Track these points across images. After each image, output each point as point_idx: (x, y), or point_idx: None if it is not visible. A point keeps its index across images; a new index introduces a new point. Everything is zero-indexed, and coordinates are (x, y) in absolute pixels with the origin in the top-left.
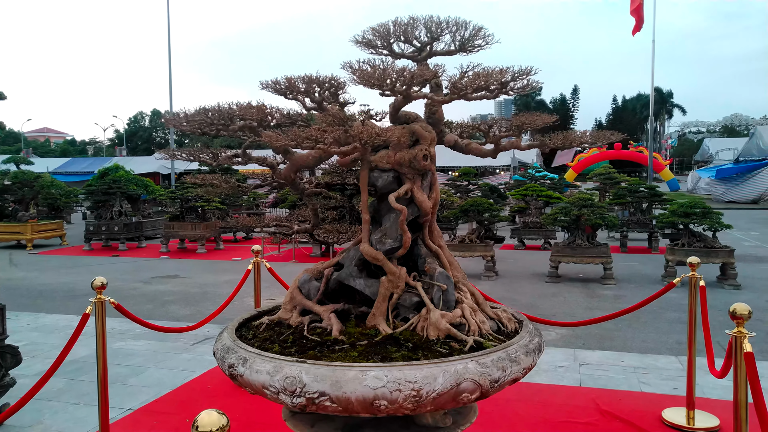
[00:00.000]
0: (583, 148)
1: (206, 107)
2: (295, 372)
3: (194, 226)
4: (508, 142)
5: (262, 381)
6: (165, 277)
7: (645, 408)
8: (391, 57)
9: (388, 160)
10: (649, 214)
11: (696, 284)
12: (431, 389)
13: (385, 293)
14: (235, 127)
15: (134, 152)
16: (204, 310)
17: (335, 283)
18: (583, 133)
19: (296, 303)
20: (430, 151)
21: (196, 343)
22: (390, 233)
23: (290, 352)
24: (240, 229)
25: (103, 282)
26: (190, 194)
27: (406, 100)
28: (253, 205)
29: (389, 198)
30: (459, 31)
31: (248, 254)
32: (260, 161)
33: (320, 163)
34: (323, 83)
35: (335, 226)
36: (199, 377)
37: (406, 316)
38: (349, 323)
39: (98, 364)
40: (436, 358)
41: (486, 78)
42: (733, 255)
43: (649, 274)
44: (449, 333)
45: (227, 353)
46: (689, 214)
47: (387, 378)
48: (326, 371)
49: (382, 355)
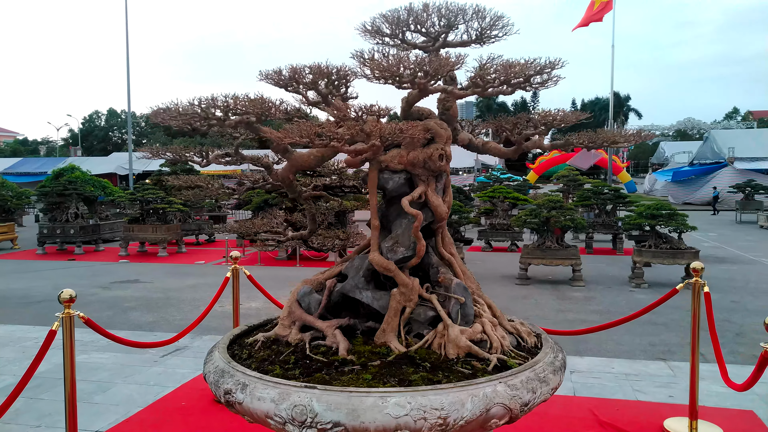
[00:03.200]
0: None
1: (200, 98)
2: (304, 399)
3: (155, 229)
4: (531, 141)
5: (266, 409)
6: (125, 282)
7: (645, 418)
8: (397, 48)
9: (399, 160)
10: (614, 215)
11: (699, 290)
12: (459, 416)
13: (396, 307)
14: (231, 122)
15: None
16: (168, 317)
17: (338, 295)
18: (618, 133)
19: (295, 318)
20: (446, 151)
21: (166, 355)
22: (402, 241)
23: (294, 375)
24: (202, 231)
25: (71, 295)
26: (150, 196)
27: (422, 94)
28: (216, 207)
29: (402, 202)
30: (477, 20)
31: (212, 257)
32: (255, 161)
33: (322, 164)
34: (330, 74)
35: (333, 232)
36: (171, 393)
37: (420, 332)
38: (356, 340)
39: (66, 386)
40: (459, 380)
41: (512, 71)
42: (698, 256)
43: (616, 276)
44: (470, 351)
45: (222, 377)
46: (656, 215)
47: (410, 405)
48: (340, 398)
49: (399, 378)
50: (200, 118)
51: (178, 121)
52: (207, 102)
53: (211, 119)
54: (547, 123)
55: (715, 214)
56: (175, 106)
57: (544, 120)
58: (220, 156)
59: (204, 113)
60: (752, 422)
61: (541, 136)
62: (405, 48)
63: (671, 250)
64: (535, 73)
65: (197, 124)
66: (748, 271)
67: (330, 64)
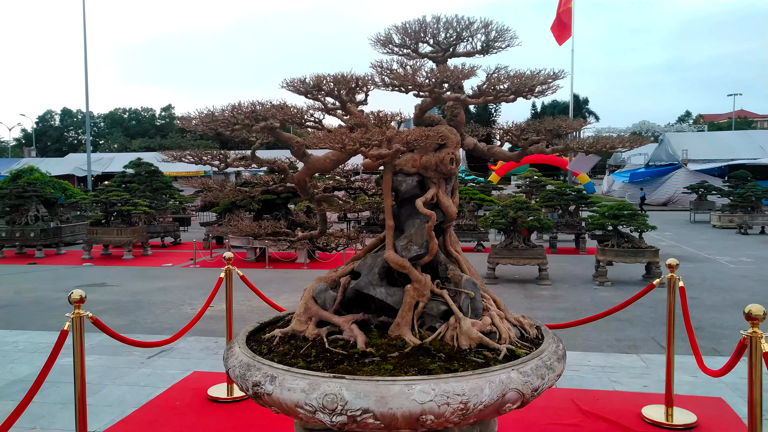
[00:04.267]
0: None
1: (230, 106)
2: (334, 389)
3: (120, 231)
4: (534, 146)
5: (296, 399)
6: (91, 285)
7: (624, 407)
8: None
9: (413, 163)
10: (577, 216)
11: (675, 285)
12: (478, 401)
13: (410, 302)
14: (257, 128)
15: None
16: (140, 320)
17: (352, 292)
18: (618, 138)
19: (312, 314)
20: (455, 155)
21: (152, 356)
22: (415, 239)
23: (318, 366)
24: (168, 233)
25: (81, 295)
26: (114, 198)
27: (435, 102)
28: (180, 209)
29: (416, 203)
30: (484, 33)
31: (179, 260)
32: (270, 164)
33: (337, 167)
34: (350, 82)
35: (344, 233)
36: (164, 393)
37: (433, 325)
38: (371, 334)
39: (75, 386)
40: (474, 368)
41: (522, 81)
42: (658, 254)
43: (580, 274)
44: (481, 342)
45: (248, 370)
46: (618, 216)
47: (435, 391)
48: (369, 387)
49: (419, 367)
50: (230, 124)
51: (205, 127)
52: (235, 108)
53: (242, 124)
54: (552, 129)
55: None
56: (209, 112)
57: (551, 127)
58: (238, 159)
59: (235, 119)
60: (721, 408)
61: (543, 142)
62: (414, 57)
63: (633, 249)
64: (539, 83)
65: (222, 129)
66: (703, 269)
67: (353, 74)
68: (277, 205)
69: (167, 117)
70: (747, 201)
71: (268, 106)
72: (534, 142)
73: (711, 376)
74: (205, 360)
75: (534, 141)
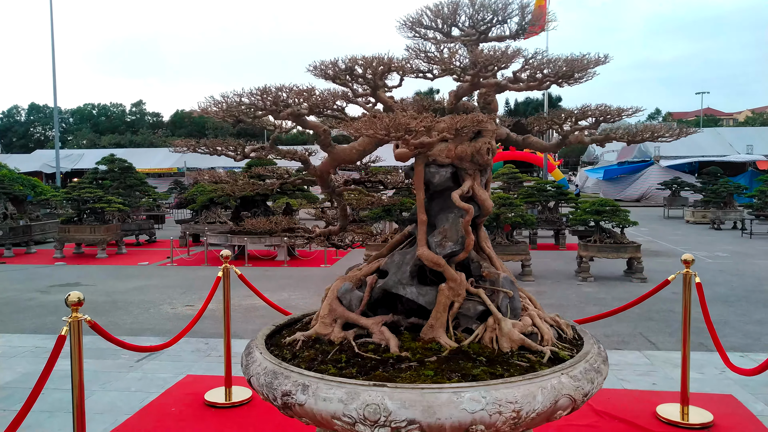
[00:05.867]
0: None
1: (253, 90)
2: (376, 398)
3: (93, 230)
4: (573, 136)
5: (333, 410)
6: (65, 285)
7: (637, 406)
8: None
9: (447, 154)
10: (557, 212)
11: (691, 281)
12: (531, 409)
13: (445, 302)
14: (285, 114)
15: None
16: (118, 321)
17: (379, 292)
18: (666, 125)
19: (337, 315)
20: (492, 145)
21: (141, 359)
22: (450, 235)
23: (351, 373)
24: (142, 231)
25: (79, 297)
26: (87, 195)
27: (473, 88)
28: (154, 207)
29: (453, 196)
30: (521, 15)
31: (155, 258)
32: (291, 155)
33: (362, 157)
34: (387, 65)
35: (365, 228)
36: (158, 398)
37: (468, 326)
38: (403, 337)
39: (74, 393)
40: (519, 373)
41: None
42: (640, 250)
43: (562, 270)
44: (523, 344)
45: (276, 378)
46: (600, 211)
47: (485, 400)
48: (414, 395)
49: (461, 373)
50: (256, 110)
51: (225, 114)
52: (259, 92)
53: (268, 110)
54: (595, 116)
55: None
56: (234, 94)
57: (602, 114)
58: (255, 149)
59: (263, 104)
60: (735, 406)
61: (585, 131)
62: (444, 42)
63: (615, 245)
64: (581, 69)
65: (243, 116)
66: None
67: (390, 56)
68: (256, 202)
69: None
70: (719, 197)
71: (296, 90)
72: (576, 129)
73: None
74: (198, 363)
75: (576, 129)
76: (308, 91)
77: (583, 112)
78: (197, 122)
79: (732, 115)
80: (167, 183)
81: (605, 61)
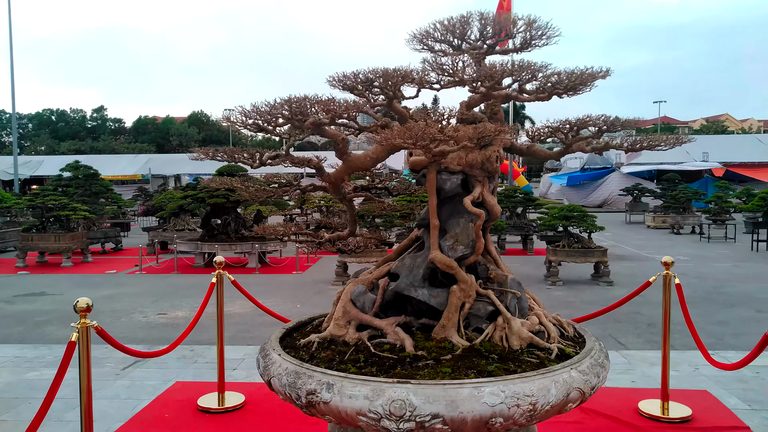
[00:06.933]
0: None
1: (280, 100)
2: (401, 394)
3: (58, 238)
4: (576, 144)
5: (358, 407)
6: (30, 294)
7: (620, 402)
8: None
9: (458, 161)
10: (525, 218)
11: (670, 282)
12: (546, 401)
13: (457, 303)
14: (309, 123)
15: None
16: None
17: (390, 294)
18: (662, 136)
19: (351, 317)
20: (500, 153)
21: (127, 367)
22: (461, 239)
23: (372, 372)
24: (109, 239)
25: (88, 303)
26: (52, 202)
27: (484, 98)
28: (119, 214)
29: (465, 201)
30: (528, 30)
31: (123, 266)
32: (304, 162)
33: (375, 165)
34: (404, 78)
35: (374, 234)
36: (149, 405)
37: (479, 326)
38: (416, 337)
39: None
40: (531, 369)
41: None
42: (607, 254)
43: (531, 275)
44: (531, 341)
45: (299, 378)
46: (569, 217)
47: (504, 394)
48: (437, 391)
49: (477, 369)
50: (280, 118)
51: (250, 121)
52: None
53: (294, 119)
54: (598, 125)
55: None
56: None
57: (605, 123)
58: (271, 157)
59: (291, 114)
60: (710, 401)
61: (585, 140)
62: (453, 54)
63: (582, 249)
64: (586, 81)
65: (265, 125)
66: (646, 268)
67: (410, 68)
68: (227, 208)
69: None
70: (678, 202)
71: (321, 101)
72: (579, 140)
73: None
74: (186, 369)
75: (579, 139)
76: (330, 102)
77: (584, 122)
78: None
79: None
80: (131, 190)
81: (607, 74)
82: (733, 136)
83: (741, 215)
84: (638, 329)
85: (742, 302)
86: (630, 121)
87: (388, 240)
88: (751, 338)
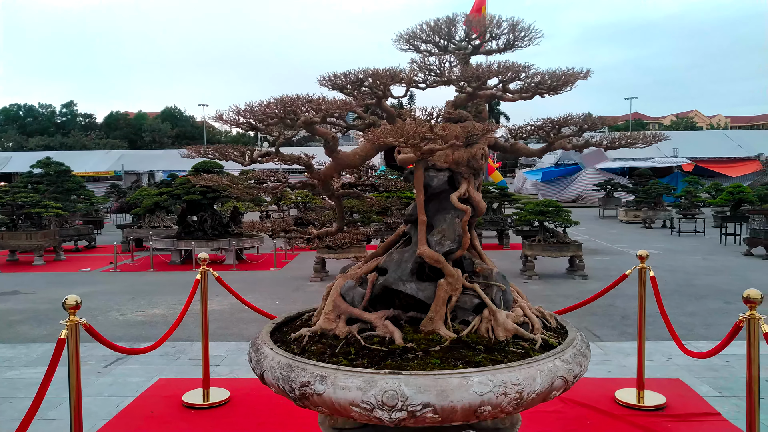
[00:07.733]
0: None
1: (272, 100)
2: (393, 385)
3: (30, 236)
4: (558, 142)
5: (351, 398)
6: (2, 294)
7: (597, 392)
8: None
9: (445, 159)
10: (500, 213)
11: (646, 275)
12: (532, 390)
13: (444, 296)
14: (301, 122)
15: None
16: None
17: (379, 288)
18: (639, 134)
19: (341, 311)
20: (485, 150)
21: (109, 365)
22: (448, 234)
23: (363, 364)
24: (82, 237)
25: (77, 301)
26: (22, 199)
27: (470, 98)
28: (92, 211)
29: (451, 198)
30: (511, 32)
31: (98, 264)
32: (296, 160)
33: (364, 162)
34: (396, 77)
35: (362, 229)
36: (134, 402)
37: (465, 318)
38: (405, 329)
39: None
40: (517, 359)
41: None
42: (581, 248)
43: (508, 269)
44: (516, 333)
45: (292, 371)
46: (545, 212)
47: (492, 383)
48: (427, 381)
49: (465, 360)
50: (273, 118)
51: (242, 120)
52: (281, 101)
53: (286, 118)
54: (579, 125)
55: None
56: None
57: (586, 122)
58: (262, 155)
59: (284, 113)
60: (683, 389)
61: (566, 138)
62: (437, 55)
63: (558, 244)
64: (568, 81)
65: (259, 125)
66: (619, 261)
67: (399, 69)
68: (203, 205)
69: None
70: (650, 197)
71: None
72: (561, 137)
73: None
74: (168, 366)
75: (562, 137)
76: (321, 101)
77: (566, 121)
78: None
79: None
80: (104, 187)
81: (588, 75)
82: (702, 132)
83: (710, 209)
84: (612, 321)
85: (711, 294)
86: (609, 120)
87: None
88: (720, 328)
